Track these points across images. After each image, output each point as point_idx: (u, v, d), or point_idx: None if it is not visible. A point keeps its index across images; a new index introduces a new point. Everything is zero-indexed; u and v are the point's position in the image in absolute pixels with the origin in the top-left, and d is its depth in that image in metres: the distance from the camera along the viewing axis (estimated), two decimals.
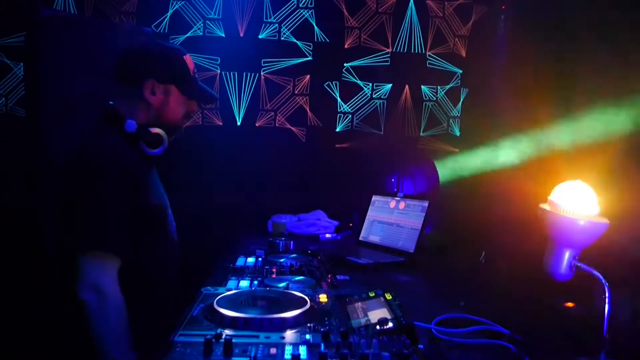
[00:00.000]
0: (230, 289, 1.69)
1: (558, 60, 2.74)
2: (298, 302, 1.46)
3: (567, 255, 1.45)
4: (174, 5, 3.51)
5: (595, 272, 1.39)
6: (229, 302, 1.44)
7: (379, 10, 3.73)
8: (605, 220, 1.42)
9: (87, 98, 2.72)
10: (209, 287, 1.71)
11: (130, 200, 1.56)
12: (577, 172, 1.63)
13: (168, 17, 3.50)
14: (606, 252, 1.52)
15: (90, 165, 1.54)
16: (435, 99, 3.86)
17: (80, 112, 2.67)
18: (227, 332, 1.26)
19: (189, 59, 1.76)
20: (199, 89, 1.80)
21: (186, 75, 1.74)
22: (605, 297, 1.35)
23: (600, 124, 2.15)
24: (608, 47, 2.24)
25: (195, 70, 1.80)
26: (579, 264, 1.44)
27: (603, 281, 1.36)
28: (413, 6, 3.75)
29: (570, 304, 1.77)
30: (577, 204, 1.43)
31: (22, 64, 3.20)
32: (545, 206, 1.50)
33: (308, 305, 1.43)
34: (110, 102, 1.70)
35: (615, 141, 2.00)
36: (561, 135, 2.46)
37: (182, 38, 3.52)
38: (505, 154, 3.14)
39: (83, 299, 1.46)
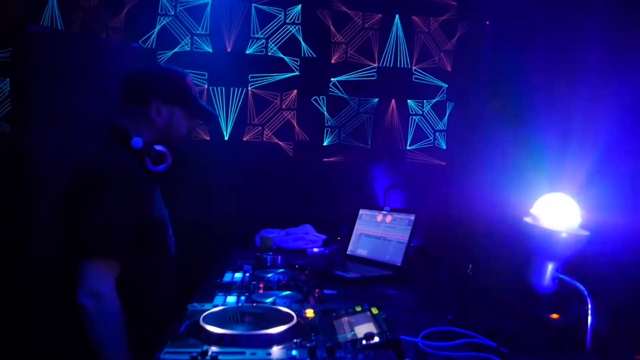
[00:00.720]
0: (217, 305, 1.68)
1: (541, 73, 2.78)
2: (284, 318, 1.46)
3: (550, 267, 1.47)
4: (162, 21, 3.53)
5: (578, 284, 1.41)
6: (216, 319, 1.43)
7: (365, 25, 3.78)
8: (585, 232, 1.44)
9: (73, 113, 2.73)
10: (195, 304, 1.71)
11: (134, 212, 1.65)
12: (559, 184, 1.66)
13: (155, 32, 3.52)
14: (588, 263, 1.54)
15: (100, 177, 1.64)
16: (421, 112, 3.90)
17: (67, 127, 2.69)
18: (214, 349, 1.26)
19: (191, 80, 1.90)
20: (201, 108, 1.93)
21: (189, 96, 1.87)
22: (587, 308, 1.37)
23: (581, 135, 2.19)
24: (591, 60, 2.28)
25: (196, 90, 1.93)
26: (561, 276, 1.46)
27: (585, 293, 1.38)
28: (399, 22, 3.80)
29: (555, 316, 1.78)
30: (559, 216, 1.45)
31: (8, 79, 3.19)
32: (527, 219, 1.52)
33: (295, 321, 1.43)
34: (119, 121, 1.80)
35: (596, 152, 2.03)
36: (545, 147, 2.50)
37: (169, 53, 3.53)
38: (490, 166, 3.17)
39: (82, 303, 1.52)
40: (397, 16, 3.79)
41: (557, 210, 1.46)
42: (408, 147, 3.89)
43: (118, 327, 1.58)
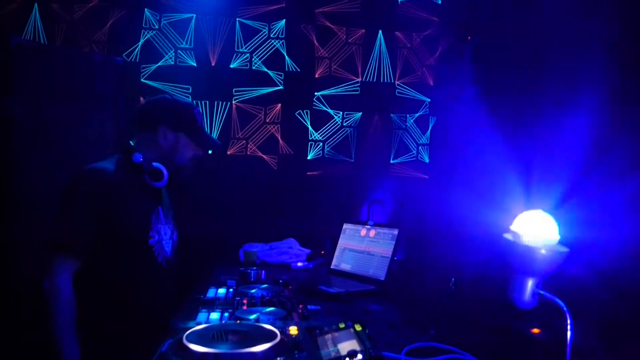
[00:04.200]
0: (200, 323, 1.68)
1: (523, 88, 2.82)
2: (268, 336, 1.46)
3: (530, 283, 1.49)
4: (146, 35, 3.53)
5: (557, 300, 1.43)
6: (199, 337, 1.43)
7: (349, 40, 3.82)
8: (565, 249, 1.46)
9: (56, 127, 2.71)
10: (178, 321, 1.70)
11: (102, 216, 1.80)
12: (539, 200, 1.68)
13: (139, 46, 3.52)
14: (568, 278, 1.57)
15: (74, 180, 1.82)
16: (404, 126, 3.94)
17: (50, 141, 2.66)
18: None
19: (199, 113, 2.09)
20: (205, 138, 2.12)
21: (195, 126, 2.05)
22: (567, 323, 1.39)
23: (564, 150, 2.22)
24: (574, 75, 2.32)
25: (202, 121, 2.12)
26: (541, 292, 1.48)
27: (565, 309, 1.40)
28: (382, 37, 3.84)
29: (536, 330, 1.80)
30: (538, 232, 1.48)
31: None
32: (508, 235, 1.54)
33: (278, 339, 1.43)
34: (130, 142, 1.99)
35: (576, 168, 2.06)
36: (527, 162, 2.53)
37: (153, 67, 3.53)
38: (472, 180, 3.21)
39: (43, 288, 1.74)
40: (380, 32, 3.84)
41: (536, 227, 1.48)
42: (392, 161, 3.92)
43: (68, 317, 1.74)
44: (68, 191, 1.82)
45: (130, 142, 2.00)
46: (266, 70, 3.70)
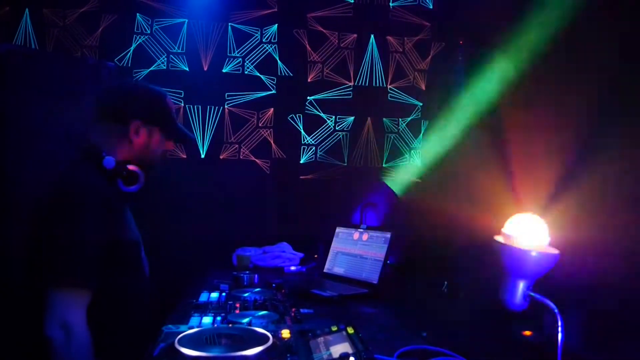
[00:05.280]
0: (192, 327, 1.67)
1: (514, 92, 2.84)
2: (260, 339, 1.45)
3: (521, 285, 1.50)
4: (138, 40, 3.53)
5: (548, 302, 1.44)
6: (191, 341, 1.42)
7: (341, 45, 3.83)
8: (555, 251, 1.48)
9: (48, 133, 2.69)
10: (170, 326, 1.69)
11: (105, 236, 1.57)
12: (531, 203, 1.70)
13: (131, 51, 3.52)
14: (559, 281, 1.58)
15: (68, 200, 1.55)
16: (397, 130, 3.95)
17: (41, 148, 2.65)
18: None
19: (171, 101, 1.88)
20: (178, 130, 1.91)
21: (169, 118, 1.85)
22: (558, 325, 1.40)
23: (553, 154, 2.24)
24: (565, 79, 2.34)
25: (174, 110, 1.91)
26: (532, 294, 1.49)
27: (555, 310, 1.42)
28: (374, 42, 3.86)
29: (527, 333, 1.82)
30: (529, 235, 1.49)
31: None
32: (499, 238, 1.55)
33: (270, 342, 1.43)
34: (91, 139, 1.73)
35: (566, 173, 2.08)
36: (518, 166, 2.55)
37: (145, 72, 3.53)
38: (464, 184, 3.22)
39: (50, 336, 1.44)
40: (372, 36, 3.86)
41: (527, 230, 1.50)
42: (384, 165, 3.93)
43: None
44: (66, 210, 1.54)
45: (92, 140, 1.74)
46: (259, 74, 3.71)
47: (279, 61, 3.73)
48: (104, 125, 1.76)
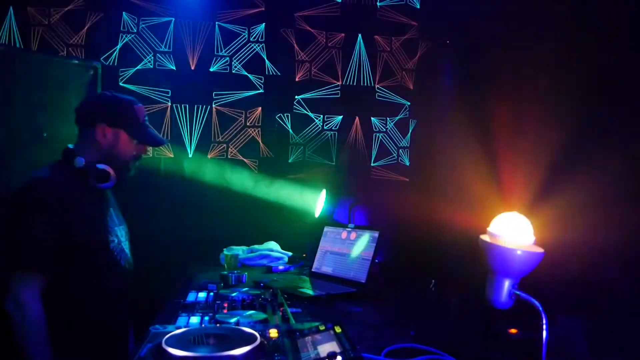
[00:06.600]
0: (179, 327, 1.67)
1: (502, 92, 2.86)
2: (248, 339, 1.45)
3: (506, 284, 1.51)
4: (124, 39, 3.50)
5: (533, 300, 1.46)
6: (178, 341, 1.42)
7: (329, 44, 3.83)
8: (540, 250, 1.49)
9: (32, 132, 2.67)
10: (157, 326, 1.69)
11: (56, 227, 1.78)
12: (516, 202, 1.71)
13: (118, 50, 3.49)
14: (543, 279, 1.60)
15: (25, 194, 1.81)
16: (385, 130, 3.96)
17: (26, 147, 2.63)
18: None
19: (140, 108, 2.04)
20: (147, 134, 2.06)
21: (135, 122, 2.01)
22: (542, 323, 1.42)
23: (538, 154, 2.26)
24: (552, 78, 2.36)
25: (146, 118, 2.07)
26: (518, 292, 1.50)
27: (540, 309, 1.43)
28: (361, 41, 3.87)
29: (513, 330, 1.83)
30: (514, 234, 1.50)
31: None
32: (485, 237, 1.56)
33: (258, 342, 1.43)
34: (69, 145, 1.96)
35: (551, 173, 2.10)
36: (505, 165, 2.57)
37: (132, 71, 3.51)
38: (451, 183, 3.24)
39: (7, 310, 1.70)
40: (359, 36, 3.86)
41: (512, 229, 1.51)
42: (372, 164, 3.94)
43: (40, 335, 1.72)
44: (20, 205, 1.79)
45: (69, 145, 1.97)
46: (246, 73, 3.70)
47: (266, 60, 3.73)
48: (79, 129, 2.00)
